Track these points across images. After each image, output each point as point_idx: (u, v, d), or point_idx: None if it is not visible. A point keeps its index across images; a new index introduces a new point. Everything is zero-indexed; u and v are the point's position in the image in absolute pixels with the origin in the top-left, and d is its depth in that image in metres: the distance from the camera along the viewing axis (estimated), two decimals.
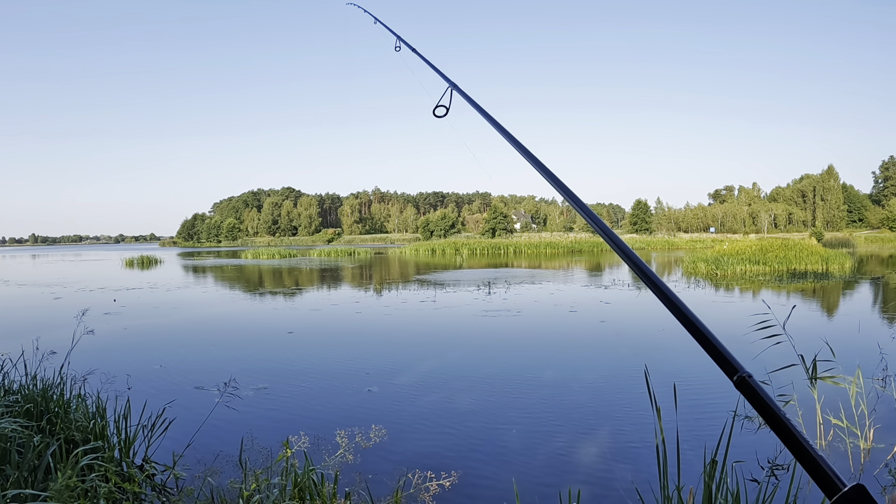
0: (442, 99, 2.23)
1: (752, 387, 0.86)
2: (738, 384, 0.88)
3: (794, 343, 4.99)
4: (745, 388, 0.87)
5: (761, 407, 0.84)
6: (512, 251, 56.87)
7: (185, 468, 4.50)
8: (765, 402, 0.84)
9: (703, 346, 0.95)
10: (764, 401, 0.84)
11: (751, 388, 0.86)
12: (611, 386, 7.22)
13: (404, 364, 8.59)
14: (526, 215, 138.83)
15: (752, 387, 0.86)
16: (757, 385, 0.86)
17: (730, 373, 0.90)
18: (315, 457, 4.38)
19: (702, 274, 24.72)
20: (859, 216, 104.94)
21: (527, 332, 11.37)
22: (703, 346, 0.95)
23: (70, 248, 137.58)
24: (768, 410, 0.83)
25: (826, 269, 25.51)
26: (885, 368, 6.97)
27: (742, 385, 0.87)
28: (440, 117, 2.24)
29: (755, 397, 0.85)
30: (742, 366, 0.89)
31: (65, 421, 4.53)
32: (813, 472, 0.76)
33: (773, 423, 0.82)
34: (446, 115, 2.24)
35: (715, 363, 0.93)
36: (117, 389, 6.61)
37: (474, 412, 6.19)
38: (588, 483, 4.34)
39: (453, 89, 2.24)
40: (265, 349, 10.02)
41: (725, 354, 0.92)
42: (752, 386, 0.86)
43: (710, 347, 0.94)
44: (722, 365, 0.92)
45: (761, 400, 0.84)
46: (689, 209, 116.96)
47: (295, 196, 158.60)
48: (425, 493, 3.87)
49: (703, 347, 0.95)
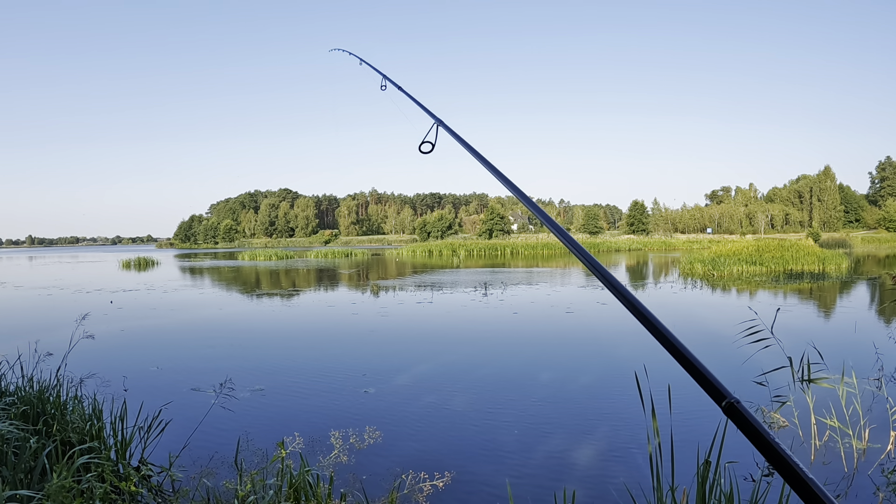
0: (428, 135, 2.26)
1: (741, 412, 0.86)
2: (726, 410, 0.88)
3: (789, 344, 5.02)
4: (733, 414, 0.87)
5: (751, 433, 0.84)
6: (509, 252, 56.87)
7: (181, 469, 4.50)
8: (754, 427, 0.84)
9: (690, 372, 0.95)
10: (753, 427, 0.84)
11: (740, 413, 0.86)
12: (606, 387, 7.24)
13: (400, 365, 8.59)
14: (523, 216, 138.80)
15: (741, 412, 0.86)
16: (745, 411, 0.86)
17: (717, 399, 0.90)
18: (310, 458, 4.38)
19: (698, 275, 24.77)
20: (856, 217, 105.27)
21: (523, 334, 11.38)
22: (689, 372, 0.96)
23: (67, 250, 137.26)
24: (758, 436, 0.83)
25: (823, 269, 25.59)
26: (880, 369, 6.98)
27: (730, 411, 0.87)
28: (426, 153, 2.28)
29: (744, 423, 0.85)
30: (730, 392, 0.90)
31: (61, 423, 4.53)
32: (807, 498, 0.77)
33: (764, 448, 0.82)
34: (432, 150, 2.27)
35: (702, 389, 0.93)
36: (114, 391, 6.61)
37: (469, 413, 6.20)
38: (582, 484, 4.35)
39: (439, 125, 2.26)
40: (261, 351, 10.01)
41: (712, 381, 0.92)
42: (741, 412, 0.86)
43: (696, 374, 0.95)
44: (709, 391, 0.92)
45: (750, 426, 0.84)
46: (686, 210, 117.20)
47: (292, 197, 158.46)
48: (419, 494, 3.88)
49: (689, 374, 0.95)
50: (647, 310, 1.06)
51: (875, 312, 13.26)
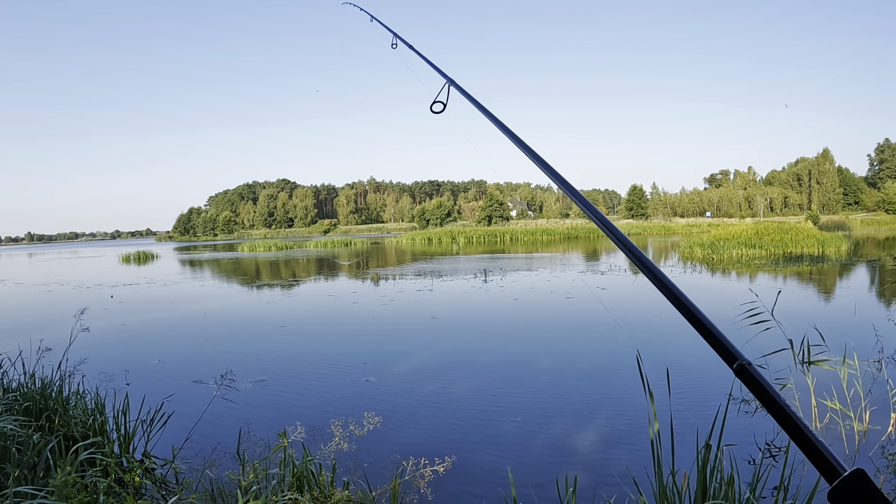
0: (439, 95, 2.24)
1: (752, 374, 0.86)
2: (737, 372, 0.88)
3: (789, 326, 5.02)
4: (744, 376, 0.87)
5: (761, 394, 0.85)
6: (508, 238, 56.87)
7: (185, 461, 4.52)
8: (765, 389, 0.84)
9: (703, 334, 0.96)
10: (764, 388, 0.84)
11: (750, 375, 0.86)
12: (607, 372, 7.26)
13: (401, 353, 8.61)
14: (522, 203, 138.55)
15: (752, 374, 0.86)
16: (756, 372, 0.86)
17: (729, 361, 0.90)
18: (312, 447, 4.40)
19: (698, 258, 24.79)
20: (855, 199, 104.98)
21: (523, 320, 11.40)
22: (702, 334, 0.96)
23: (66, 246, 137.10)
24: (768, 397, 0.83)
25: (822, 252, 25.59)
26: (880, 351, 7.01)
27: (742, 373, 0.88)
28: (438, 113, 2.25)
29: (755, 384, 0.85)
30: (741, 353, 0.90)
31: (64, 418, 4.54)
32: (813, 457, 0.77)
33: (773, 409, 0.83)
34: (444, 110, 2.25)
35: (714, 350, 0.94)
36: (116, 385, 6.63)
37: (471, 399, 6.23)
38: (583, 469, 4.37)
39: (450, 85, 2.24)
40: (262, 341, 10.03)
41: (725, 343, 0.93)
42: (752, 373, 0.86)
43: (709, 336, 0.95)
44: (721, 353, 0.92)
45: (761, 387, 0.85)
46: (685, 194, 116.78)
47: (290, 188, 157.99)
48: (421, 481, 3.90)
49: (702, 336, 0.96)
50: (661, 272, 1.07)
51: (875, 295, 13.28)
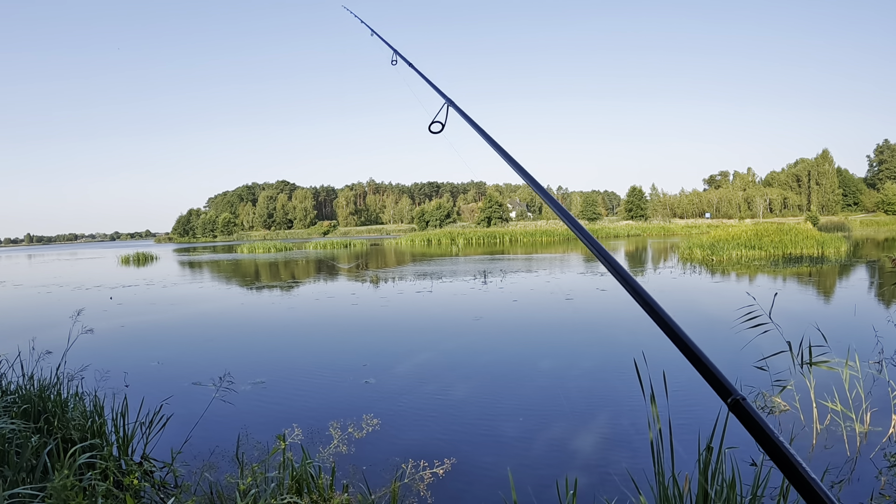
0: (438, 115, 2.24)
1: (747, 410, 0.85)
2: (731, 407, 0.87)
3: (789, 328, 5.01)
4: (738, 411, 0.86)
5: (755, 431, 0.83)
6: (507, 240, 56.82)
7: (184, 464, 4.51)
8: (759, 425, 0.83)
9: (697, 367, 0.95)
10: (758, 424, 0.83)
11: (745, 411, 0.85)
12: (607, 374, 7.24)
13: (400, 354, 8.59)
14: (521, 204, 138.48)
15: (747, 410, 0.85)
16: (751, 408, 0.85)
17: (723, 395, 0.89)
18: (311, 449, 4.38)
19: (697, 260, 24.78)
20: (854, 200, 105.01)
21: (523, 321, 11.39)
22: (696, 367, 0.95)
23: (66, 247, 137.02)
24: (763, 434, 0.82)
25: (822, 252, 25.58)
26: (881, 352, 6.99)
27: (736, 408, 0.86)
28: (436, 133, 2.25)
29: (749, 421, 0.84)
30: (735, 388, 0.89)
31: (62, 420, 4.53)
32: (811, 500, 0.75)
33: (768, 447, 0.81)
34: (442, 130, 2.24)
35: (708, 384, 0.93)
36: (115, 387, 6.60)
37: (470, 401, 6.21)
38: (583, 471, 4.36)
39: (449, 105, 2.24)
40: (261, 343, 10.01)
41: (719, 377, 0.91)
42: (747, 409, 0.85)
43: (703, 369, 0.94)
44: (716, 387, 0.91)
45: (755, 423, 0.83)
46: (685, 195, 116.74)
47: (290, 189, 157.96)
48: (420, 483, 3.88)
49: (697, 369, 0.95)
50: (655, 302, 1.05)
51: (875, 295, 13.27)
